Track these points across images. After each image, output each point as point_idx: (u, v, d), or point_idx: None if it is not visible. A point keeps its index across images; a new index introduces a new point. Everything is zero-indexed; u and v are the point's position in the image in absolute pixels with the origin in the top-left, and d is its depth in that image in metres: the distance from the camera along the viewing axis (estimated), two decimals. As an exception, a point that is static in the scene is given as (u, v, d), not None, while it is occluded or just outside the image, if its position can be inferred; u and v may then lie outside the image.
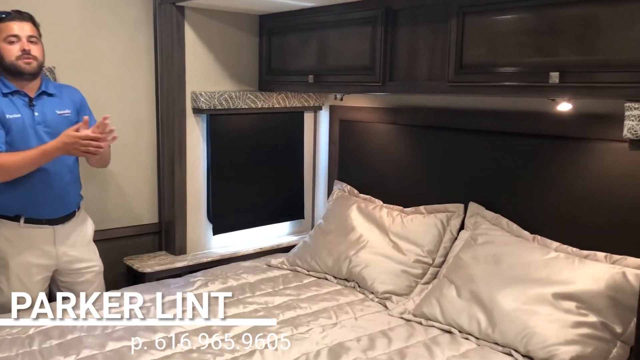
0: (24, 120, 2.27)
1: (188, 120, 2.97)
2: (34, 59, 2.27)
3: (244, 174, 3.19)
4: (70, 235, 2.45)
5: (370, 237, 2.75)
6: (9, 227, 2.35)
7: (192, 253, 3.06)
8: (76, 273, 2.50)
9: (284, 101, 3.20)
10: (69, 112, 2.39)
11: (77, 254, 2.49)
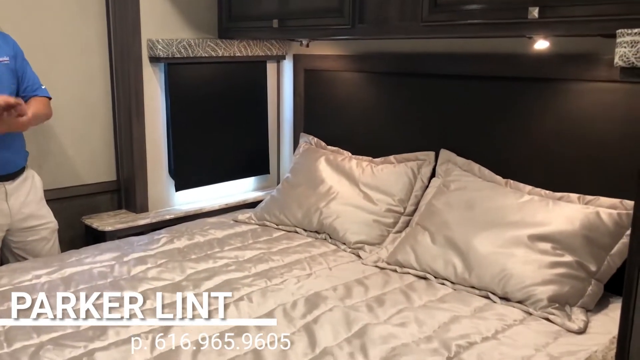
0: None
1: (145, 70, 2.80)
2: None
3: (205, 128, 3.05)
4: (21, 191, 2.32)
5: (340, 188, 2.69)
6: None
7: (155, 211, 2.93)
8: (30, 231, 2.37)
9: (246, 49, 3.05)
10: (8, 60, 2.21)
11: (31, 210, 2.36)
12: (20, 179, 2.32)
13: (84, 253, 2.36)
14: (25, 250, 2.40)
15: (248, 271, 2.22)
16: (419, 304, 1.98)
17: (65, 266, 2.20)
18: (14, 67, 2.24)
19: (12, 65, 2.22)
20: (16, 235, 2.36)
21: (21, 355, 1.60)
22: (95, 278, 2.12)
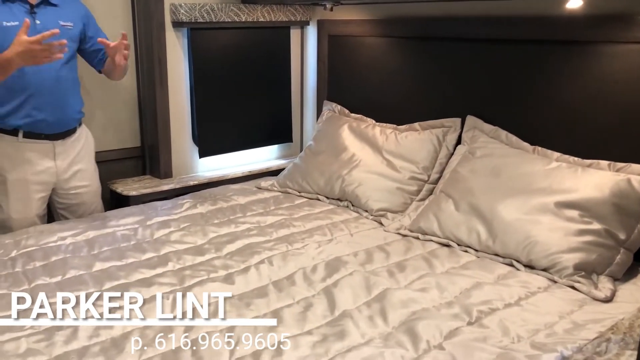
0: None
1: (168, 35, 2.78)
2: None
3: (229, 95, 3.04)
4: (70, 151, 2.36)
5: (363, 156, 2.66)
6: (8, 142, 2.24)
7: (178, 177, 2.95)
8: (73, 192, 2.42)
9: (269, 14, 3.01)
10: (72, 25, 2.26)
11: (76, 172, 2.40)
12: (70, 140, 2.36)
13: (108, 216, 2.39)
14: (69, 212, 2.45)
15: (269, 236, 2.22)
16: (440, 270, 1.95)
17: (89, 229, 2.23)
18: (78, 33, 2.29)
19: (75, 30, 2.28)
20: (61, 196, 2.41)
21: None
22: (118, 240, 2.15)
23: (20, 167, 2.27)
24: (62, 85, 2.25)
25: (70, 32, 2.25)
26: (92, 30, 2.35)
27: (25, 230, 2.21)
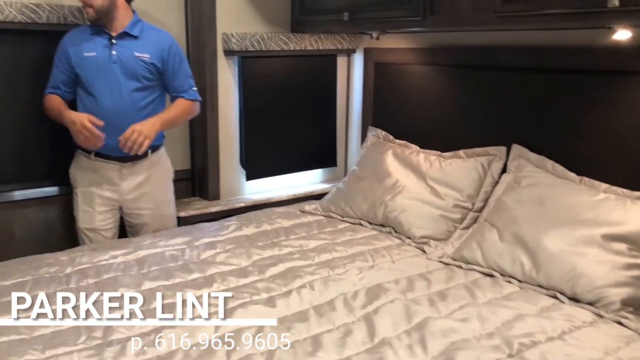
0: (99, 58, 2.32)
1: (219, 63, 2.89)
2: (89, 7, 2.29)
3: (276, 120, 3.13)
4: (138, 174, 2.49)
5: (407, 182, 2.67)
6: (83, 158, 2.45)
7: (226, 199, 3.04)
8: (135, 213, 2.54)
9: (317, 43, 3.09)
10: (149, 57, 2.38)
11: (142, 194, 2.51)
12: (140, 163, 2.48)
13: (158, 236, 2.47)
14: (134, 230, 2.59)
15: (311, 260, 2.25)
16: (482, 300, 1.94)
17: (140, 248, 2.32)
18: (157, 65, 2.40)
19: (153, 62, 2.39)
20: (127, 215, 2.56)
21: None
22: (167, 260, 2.22)
23: (90, 181, 2.46)
24: (131, 114, 2.35)
25: (144, 63, 2.37)
26: (171, 67, 2.44)
27: (80, 247, 2.33)
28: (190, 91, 2.51)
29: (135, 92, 2.38)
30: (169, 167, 2.64)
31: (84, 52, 2.34)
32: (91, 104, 2.36)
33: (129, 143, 2.26)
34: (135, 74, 2.37)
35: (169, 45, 2.45)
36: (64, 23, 2.47)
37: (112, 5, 2.32)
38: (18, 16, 2.37)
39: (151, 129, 2.33)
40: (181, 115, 2.52)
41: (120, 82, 2.35)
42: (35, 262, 2.16)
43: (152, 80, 2.42)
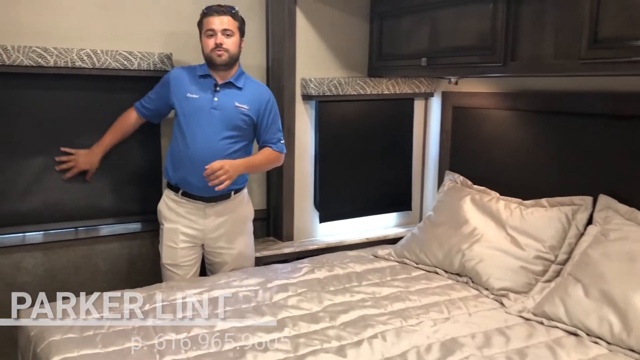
0: (201, 101, 2.46)
1: (297, 107, 2.96)
2: (225, 52, 2.42)
3: (351, 162, 3.14)
4: (220, 214, 2.56)
5: (485, 230, 2.59)
6: (172, 194, 2.57)
7: (299, 240, 3.05)
8: (216, 252, 2.61)
9: (394, 87, 3.10)
10: (247, 108, 2.49)
11: (221, 234, 2.58)
12: (223, 204, 2.56)
13: (232, 276, 2.51)
14: (214, 269, 2.67)
15: (384, 309, 2.21)
16: (566, 362, 1.82)
17: (215, 287, 2.36)
18: (252, 117, 2.51)
19: (250, 114, 2.50)
20: (207, 252, 2.64)
21: None
22: (240, 301, 2.25)
23: (175, 218, 2.55)
24: (217, 159, 2.41)
25: (242, 114, 2.48)
26: (265, 121, 2.54)
27: (157, 285, 2.40)
28: (279, 144, 2.60)
29: (227, 140, 2.47)
30: (250, 208, 2.71)
31: (187, 93, 2.48)
32: (183, 143, 2.47)
33: (212, 176, 2.35)
34: (232, 123, 2.46)
35: (267, 100, 2.55)
36: (154, 69, 2.62)
37: (238, 55, 2.49)
38: (112, 63, 2.53)
39: (236, 169, 2.42)
40: (266, 163, 2.61)
41: (215, 128, 2.45)
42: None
43: (244, 131, 2.51)
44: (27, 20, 2.40)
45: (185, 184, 2.51)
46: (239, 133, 2.50)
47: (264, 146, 2.60)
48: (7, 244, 2.51)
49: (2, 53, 2.31)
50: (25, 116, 2.48)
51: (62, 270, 2.63)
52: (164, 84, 2.54)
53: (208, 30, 2.43)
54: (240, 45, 2.49)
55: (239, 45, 2.48)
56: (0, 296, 2.50)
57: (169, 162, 2.57)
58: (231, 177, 2.40)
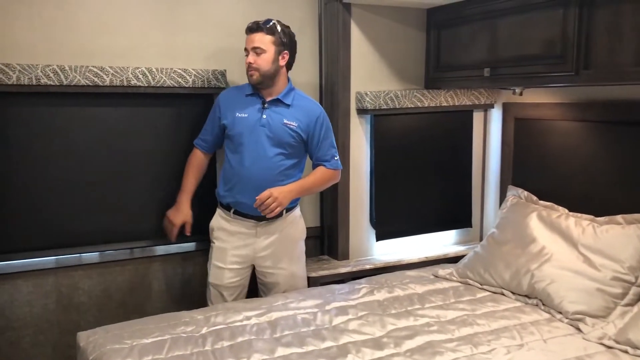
0: (250, 120, 2.42)
1: (352, 121, 2.88)
2: (256, 71, 2.38)
3: (408, 178, 3.03)
4: (271, 233, 2.50)
5: (555, 249, 2.43)
6: (224, 215, 2.53)
7: (355, 259, 2.96)
8: (267, 272, 2.55)
9: (453, 99, 2.99)
10: (295, 125, 2.43)
11: (273, 253, 2.52)
12: (275, 223, 2.50)
13: (289, 297, 2.43)
14: (266, 289, 2.60)
15: (451, 334, 2.09)
16: (659, 397, 1.65)
17: (272, 309, 2.28)
18: (302, 135, 2.44)
19: (299, 131, 2.44)
20: (258, 272, 2.58)
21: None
22: (299, 325, 2.16)
23: (225, 237, 2.51)
24: (271, 177, 2.40)
25: (291, 131, 2.42)
26: (317, 138, 2.47)
27: (214, 306, 2.35)
28: (333, 161, 2.52)
29: (278, 157, 2.42)
30: (302, 228, 2.63)
31: (236, 112, 2.44)
32: (235, 163, 2.44)
33: (263, 206, 2.32)
34: (281, 140, 2.41)
35: (317, 116, 2.48)
36: (208, 86, 2.59)
37: (276, 71, 2.41)
38: (167, 81, 2.51)
39: (287, 195, 2.38)
40: (320, 183, 2.54)
41: (264, 146, 2.40)
42: (172, 320, 2.19)
43: (294, 148, 2.46)
44: (84, 41, 2.41)
45: (237, 203, 2.47)
46: (289, 150, 2.44)
47: (317, 164, 2.53)
48: (65, 264, 2.51)
49: (60, 73, 2.32)
50: (81, 134, 2.49)
51: (117, 290, 2.62)
52: (215, 108, 2.52)
53: (245, 49, 2.40)
54: (277, 60, 2.40)
55: (273, 61, 2.38)
56: (59, 316, 2.50)
57: (221, 182, 2.53)
58: (281, 203, 2.35)
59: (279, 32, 2.39)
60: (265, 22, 2.38)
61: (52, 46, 2.35)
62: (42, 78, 2.29)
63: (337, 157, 2.55)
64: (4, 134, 2.35)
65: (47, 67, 2.29)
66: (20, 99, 2.34)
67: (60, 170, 2.46)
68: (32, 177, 2.42)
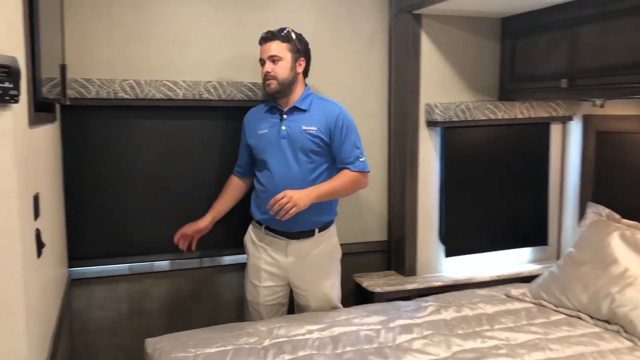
0: (270, 135, 2.38)
1: (421, 134, 2.81)
2: (273, 79, 2.33)
3: (480, 192, 2.93)
4: (302, 252, 2.42)
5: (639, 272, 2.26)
6: (256, 230, 2.49)
7: (423, 275, 2.88)
8: (299, 293, 2.49)
9: (528, 111, 2.86)
10: (315, 129, 2.34)
11: (304, 273, 2.44)
12: (306, 241, 2.41)
13: (353, 312, 2.40)
14: (300, 309, 2.53)
15: (521, 358, 1.98)
16: None
17: (335, 324, 2.26)
18: (323, 137, 2.35)
19: (319, 134, 2.34)
20: (293, 291, 2.51)
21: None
22: (361, 341, 2.12)
23: (258, 254, 2.46)
24: (302, 187, 2.29)
25: (311, 136, 2.34)
26: (337, 138, 2.35)
27: (277, 319, 2.35)
28: (357, 162, 2.37)
29: (304, 165, 2.34)
30: (336, 249, 2.52)
31: (258, 130, 2.41)
32: (265, 179, 2.39)
33: (277, 206, 2.19)
34: (303, 148, 2.34)
35: (336, 116, 2.36)
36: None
37: (294, 79, 2.37)
38: (237, 94, 2.56)
39: (305, 197, 2.23)
40: (343, 187, 2.36)
41: (288, 157, 2.34)
42: (236, 330, 2.22)
43: (320, 154, 2.36)
44: (158, 56, 2.49)
45: (267, 219, 2.39)
46: (315, 157, 2.35)
47: (341, 167, 2.37)
48: (138, 271, 2.60)
49: (136, 87, 2.41)
50: (154, 146, 2.58)
51: (186, 299, 2.68)
52: (242, 131, 2.51)
53: (260, 59, 2.37)
54: (294, 67, 2.35)
55: (290, 69, 2.34)
56: (131, 321, 2.59)
57: (253, 200, 2.48)
58: (298, 205, 2.20)
59: (294, 39, 2.36)
60: (280, 30, 2.35)
61: (128, 62, 2.45)
62: (119, 92, 2.39)
63: (362, 159, 2.38)
64: (83, 146, 2.46)
65: (124, 81, 2.39)
66: (99, 112, 2.46)
67: (134, 180, 2.56)
68: (107, 187, 2.52)
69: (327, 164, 2.39)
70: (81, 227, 2.50)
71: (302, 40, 2.39)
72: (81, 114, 2.43)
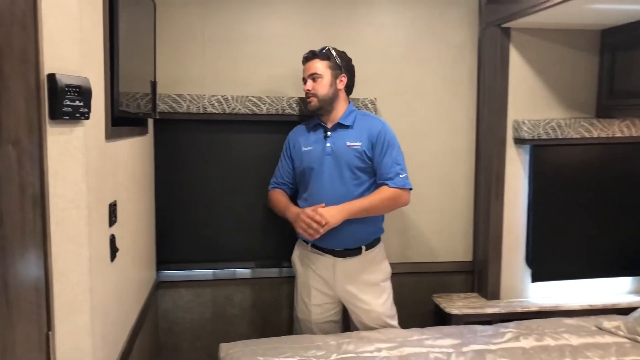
0: (315, 152, 2.39)
1: (508, 151, 2.70)
2: (313, 97, 2.36)
3: (572, 215, 2.75)
4: (350, 270, 2.40)
5: None
6: (302, 248, 2.49)
7: (506, 299, 2.75)
8: (353, 311, 2.45)
9: (629, 129, 2.65)
10: (359, 145, 2.34)
11: (354, 291, 2.41)
12: (353, 259, 2.39)
13: (426, 333, 2.35)
14: (355, 326, 2.49)
15: (603, 398, 1.83)
16: None
17: (405, 344, 2.22)
18: (367, 153, 2.33)
19: (364, 149, 2.33)
20: (347, 309, 2.48)
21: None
22: (429, 364, 2.07)
23: (307, 272, 2.46)
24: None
25: (356, 152, 2.33)
26: (378, 153, 2.32)
27: (348, 333, 2.35)
28: (397, 179, 2.30)
29: (350, 181, 2.32)
30: (384, 267, 2.47)
31: (302, 147, 2.42)
32: (309, 197, 2.38)
33: (304, 226, 2.22)
34: (348, 164, 2.32)
35: (378, 131, 2.34)
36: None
37: (334, 95, 2.37)
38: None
39: (336, 214, 2.23)
40: (379, 204, 2.30)
41: (333, 174, 2.33)
42: (306, 342, 2.25)
43: (364, 170, 2.34)
44: (245, 73, 2.61)
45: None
46: (360, 174, 2.33)
47: (380, 183, 2.33)
48: (222, 277, 2.72)
49: (223, 102, 2.54)
50: (239, 158, 2.69)
51: (266, 307, 2.75)
52: (285, 148, 2.52)
53: (302, 79, 2.40)
54: (334, 84, 2.35)
55: (330, 85, 2.34)
56: (214, 325, 2.71)
57: None
58: (329, 223, 2.21)
59: (334, 56, 2.36)
60: (320, 49, 2.37)
61: (217, 78, 2.59)
62: (208, 107, 2.53)
63: (402, 175, 2.31)
64: (174, 157, 2.63)
65: (213, 97, 2.53)
66: (188, 125, 2.61)
67: (218, 191, 2.68)
68: (194, 196, 2.67)
69: (371, 180, 2.37)
70: (169, 233, 2.66)
71: (344, 57, 2.40)
72: (172, 127, 2.60)
